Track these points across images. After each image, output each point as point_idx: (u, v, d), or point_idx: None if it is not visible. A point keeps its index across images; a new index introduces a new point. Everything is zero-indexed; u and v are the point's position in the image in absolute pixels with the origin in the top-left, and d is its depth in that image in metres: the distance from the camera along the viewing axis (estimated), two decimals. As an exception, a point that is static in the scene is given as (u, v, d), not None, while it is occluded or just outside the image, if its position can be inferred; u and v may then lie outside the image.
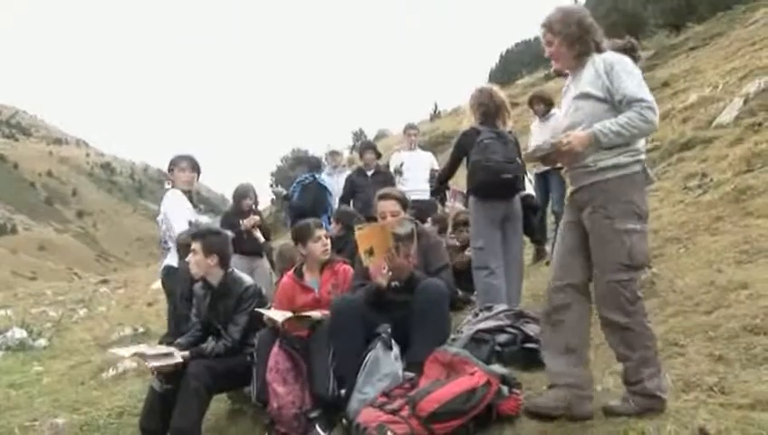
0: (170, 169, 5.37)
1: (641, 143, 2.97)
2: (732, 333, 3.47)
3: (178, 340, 4.20)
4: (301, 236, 4.37)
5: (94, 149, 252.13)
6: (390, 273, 3.72)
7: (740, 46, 16.02)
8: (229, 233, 4.56)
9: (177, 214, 5.14)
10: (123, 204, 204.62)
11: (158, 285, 21.88)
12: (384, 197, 4.18)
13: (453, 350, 3.32)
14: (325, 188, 7.31)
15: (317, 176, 7.31)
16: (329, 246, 4.35)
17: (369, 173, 7.44)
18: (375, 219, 4.23)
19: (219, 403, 4.47)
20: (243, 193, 6.92)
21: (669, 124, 11.82)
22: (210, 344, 4.02)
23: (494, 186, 4.66)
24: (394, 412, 3.04)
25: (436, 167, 7.88)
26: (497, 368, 3.11)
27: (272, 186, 29.54)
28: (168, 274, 5.17)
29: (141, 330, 11.15)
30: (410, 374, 3.39)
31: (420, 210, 7.62)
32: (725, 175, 7.21)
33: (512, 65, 52.28)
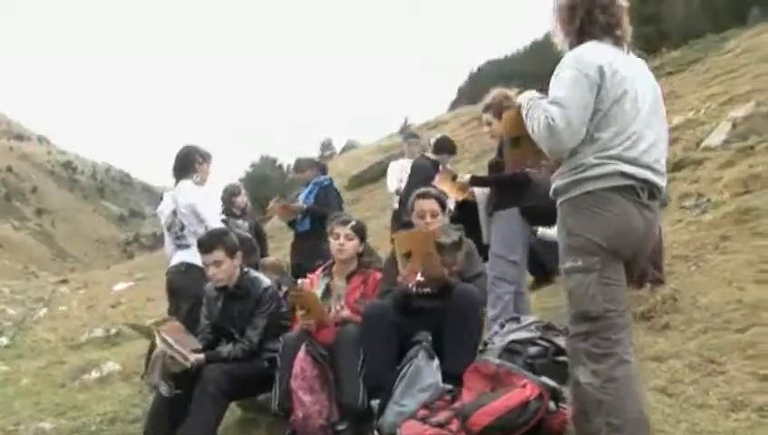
0: (199, 162, 4.94)
1: (589, 159, 2.45)
2: (773, 352, 3.40)
3: (189, 342, 3.95)
4: (329, 229, 4.22)
5: (56, 147, 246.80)
6: (423, 279, 3.56)
7: (717, 73, 16.35)
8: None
9: (210, 209, 4.83)
10: (84, 204, 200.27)
11: (120, 286, 21.45)
12: (423, 196, 4.00)
13: (497, 361, 3.18)
14: (340, 195, 7.19)
15: (332, 180, 7.14)
16: (346, 247, 4.06)
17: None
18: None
19: (227, 412, 4.24)
20: (235, 191, 6.70)
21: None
22: (227, 348, 3.81)
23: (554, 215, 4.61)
24: (441, 426, 2.88)
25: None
26: (548, 381, 2.97)
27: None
28: (186, 272, 4.78)
29: (114, 331, 10.77)
30: (448, 386, 3.23)
31: None
32: (723, 196, 7.28)
33: (483, 82, 53.16)
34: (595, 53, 2.48)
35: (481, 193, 5.14)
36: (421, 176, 6.82)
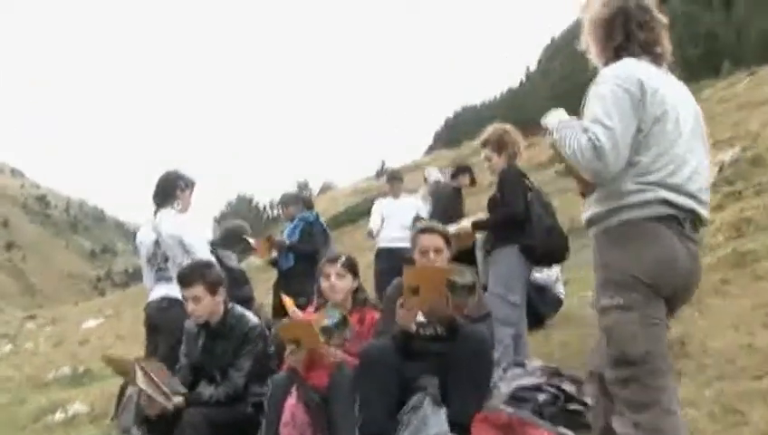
0: (181, 189, 4.60)
1: (628, 185, 2.22)
2: (798, 402, 3.18)
3: (166, 384, 3.61)
4: (319, 268, 3.89)
5: (30, 180, 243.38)
6: (424, 319, 3.29)
7: (697, 120, 16.55)
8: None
9: (198, 239, 4.48)
10: (56, 239, 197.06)
11: (89, 323, 20.86)
12: (427, 231, 3.71)
13: (509, 409, 2.92)
14: (326, 229, 6.86)
15: (319, 216, 6.86)
16: (338, 286, 3.71)
17: None
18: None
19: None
20: (242, 235, 6.31)
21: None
22: (209, 390, 3.48)
23: (558, 254, 4.46)
24: (451, 481, 2.59)
25: (423, 214, 7.53)
26: (566, 431, 2.71)
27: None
28: (168, 307, 4.39)
29: (81, 369, 10.32)
30: (454, 437, 2.93)
31: (400, 259, 7.28)
32: (717, 239, 7.19)
33: (459, 127, 53.91)
34: (634, 67, 2.29)
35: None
36: (444, 204, 6.66)
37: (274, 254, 6.54)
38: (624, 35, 2.38)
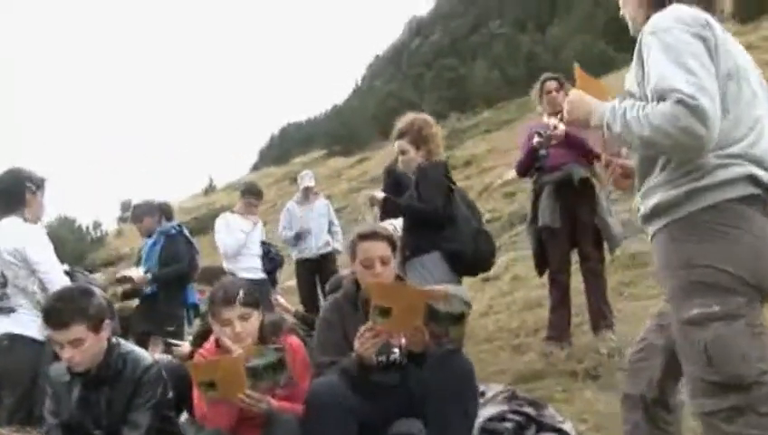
0: (31, 191, 3.62)
1: (708, 159, 1.74)
2: None
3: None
4: (210, 310, 2.84)
5: None
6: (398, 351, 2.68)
7: (537, 131, 17.34)
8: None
9: (50, 256, 3.52)
10: None
11: None
12: (369, 237, 2.88)
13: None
14: (192, 243, 5.80)
15: (183, 226, 5.84)
16: (245, 332, 2.71)
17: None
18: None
19: None
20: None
21: (492, 198, 12.17)
22: (99, 462, 2.57)
23: (486, 262, 4.13)
24: None
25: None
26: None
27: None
28: (12, 348, 3.38)
29: None
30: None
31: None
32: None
33: (285, 144, 53.83)
34: (695, 10, 1.81)
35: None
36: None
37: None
38: None
